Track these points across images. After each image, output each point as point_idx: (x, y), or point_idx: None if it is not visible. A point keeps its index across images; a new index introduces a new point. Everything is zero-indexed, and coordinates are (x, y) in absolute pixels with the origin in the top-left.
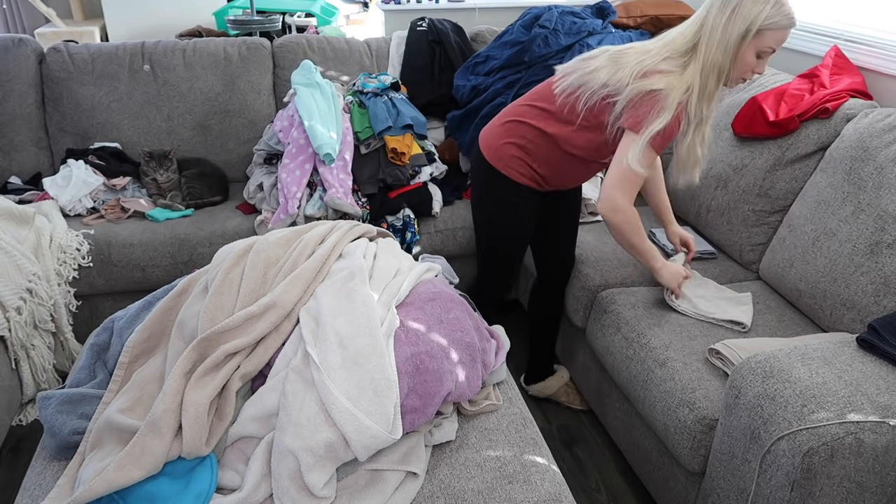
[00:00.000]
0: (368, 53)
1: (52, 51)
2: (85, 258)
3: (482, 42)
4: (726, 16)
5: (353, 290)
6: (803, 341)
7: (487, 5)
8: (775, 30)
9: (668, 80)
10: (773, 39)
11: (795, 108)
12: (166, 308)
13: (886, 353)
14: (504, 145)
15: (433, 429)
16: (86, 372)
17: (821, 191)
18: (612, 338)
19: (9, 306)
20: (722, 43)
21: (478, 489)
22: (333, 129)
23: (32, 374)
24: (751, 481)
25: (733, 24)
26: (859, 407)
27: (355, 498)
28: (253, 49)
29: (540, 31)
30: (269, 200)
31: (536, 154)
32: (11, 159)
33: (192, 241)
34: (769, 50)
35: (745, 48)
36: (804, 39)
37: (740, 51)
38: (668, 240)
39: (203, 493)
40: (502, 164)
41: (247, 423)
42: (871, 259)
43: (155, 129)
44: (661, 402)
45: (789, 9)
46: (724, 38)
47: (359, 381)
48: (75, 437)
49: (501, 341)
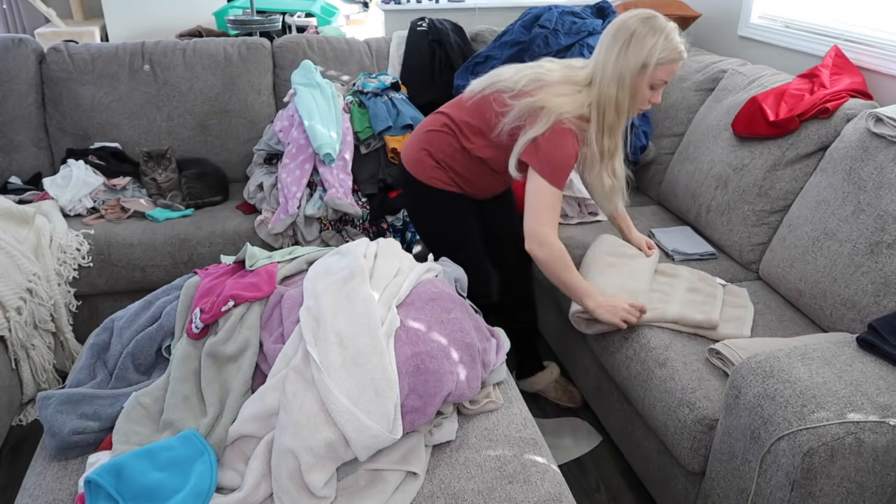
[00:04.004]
0: (368, 53)
1: (52, 51)
2: (85, 258)
3: (482, 42)
4: (616, 52)
5: (353, 290)
6: (803, 341)
7: (487, 5)
8: (666, 63)
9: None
10: (664, 72)
11: (795, 108)
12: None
13: (886, 353)
14: (422, 154)
15: (433, 429)
16: (86, 372)
17: (821, 191)
18: (612, 337)
19: (9, 306)
20: (615, 78)
21: (478, 489)
22: (333, 128)
23: (32, 374)
24: (751, 481)
25: (626, 60)
26: (859, 407)
27: (355, 498)
28: (253, 49)
29: (540, 31)
30: (269, 200)
31: (454, 167)
32: (11, 159)
33: (192, 241)
34: (661, 82)
35: (639, 82)
36: (804, 39)
37: (635, 85)
38: (664, 244)
39: (203, 492)
40: (426, 175)
41: (247, 423)
42: (871, 259)
43: (155, 129)
44: (661, 402)
45: (677, 43)
46: (617, 73)
47: (359, 380)
48: (75, 437)
49: (501, 341)
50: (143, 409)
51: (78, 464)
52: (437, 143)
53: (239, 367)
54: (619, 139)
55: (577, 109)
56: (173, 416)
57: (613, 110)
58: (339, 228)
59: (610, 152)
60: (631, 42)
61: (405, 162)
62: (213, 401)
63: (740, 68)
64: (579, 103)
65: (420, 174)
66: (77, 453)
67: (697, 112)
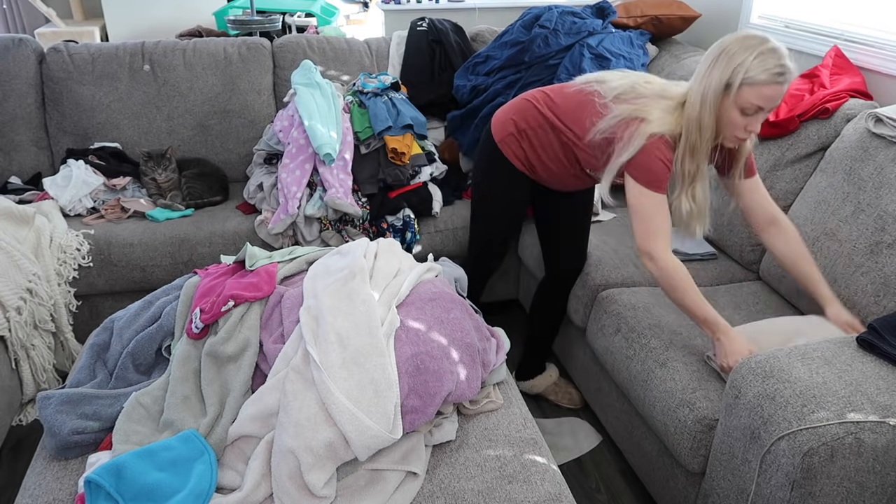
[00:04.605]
0: (368, 53)
1: (52, 51)
2: (85, 258)
3: (482, 42)
4: (705, 68)
5: (353, 290)
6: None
7: (487, 5)
8: (755, 85)
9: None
10: (754, 95)
11: (795, 109)
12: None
13: (886, 353)
14: (508, 120)
15: (433, 429)
16: (86, 372)
17: (821, 191)
18: (612, 338)
19: (9, 306)
20: (699, 95)
21: (478, 489)
22: (333, 128)
23: (32, 374)
24: (751, 481)
25: (710, 77)
26: (859, 407)
27: (355, 498)
28: (253, 49)
29: (540, 31)
30: (269, 200)
31: (532, 141)
32: (11, 159)
33: (192, 241)
34: (753, 107)
35: (725, 103)
36: (804, 39)
37: (720, 106)
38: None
39: (203, 492)
40: (499, 136)
41: (247, 423)
42: (871, 259)
43: (155, 129)
44: (661, 402)
45: (773, 65)
46: (701, 90)
47: (359, 380)
48: (75, 437)
49: (501, 341)
50: (143, 409)
51: (78, 464)
52: (526, 113)
53: (239, 367)
54: (703, 162)
55: (670, 126)
56: (173, 416)
57: (696, 130)
58: (339, 228)
59: (691, 175)
60: (720, 58)
61: (493, 121)
62: (213, 401)
63: None
64: (673, 121)
65: (497, 133)
66: (77, 453)
67: None
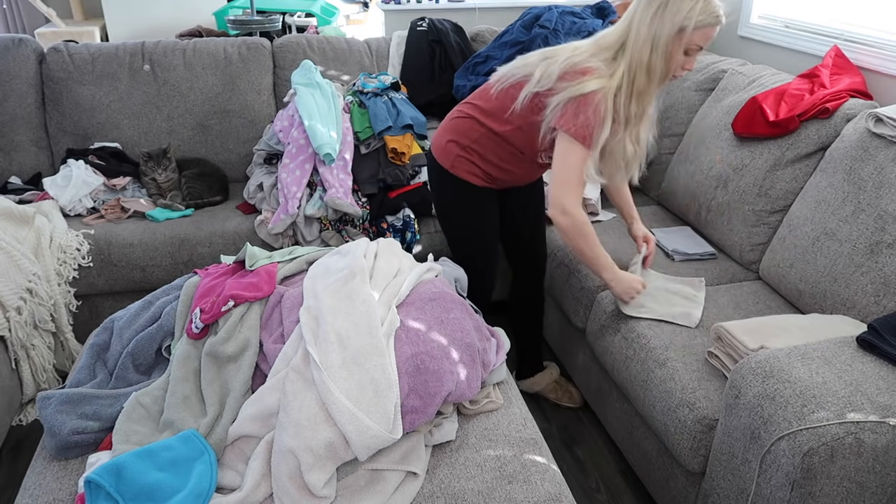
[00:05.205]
0: (368, 53)
1: (52, 51)
2: (85, 258)
3: (482, 42)
4: (651, 14)
5: (353, 290)
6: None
7: (487, 5)
8: (703, 27)
9: (601, 81)
10: (701, 37)
11: (795, 108)
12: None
13: (886, 353)
14: (448, 144)
15: (433, 429)
16: (86, 372)
17: (821, 191)
18: (612, 338)
19: (9, 306)
20: (649, 41)
21: (478, 489)
22: (333, 128)
23: (32, 374)
24: (751, 481)
25: (661, 22)
26: (859, 407)
27: (355, 498)
28: (253, 49)
29: (540, 31)
30: (269, 200)
31: (481, 153)
32: (11, 159)
33: (192, 241)
34: (696, 48)
35: (675, 46)
36: (804, 39)
37: (670, 49)
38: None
39: (203, 492)
40: (449, 163)
41: (247, 423)
42: (871, 259)
43: (155, 129)
44: (661, 402)
45: (716, 7)
46: (651, 35)
47: (359, 380)
48: (75, 437)
49: (501, 341)
50: (143, 409)
51: (78, 464)
52: (462, 130)
53: (239, 367)
54: (648, 106)
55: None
56: (173, 416)
57: (644, 75)
58: (339, 228)
59: (637, 117)
60: (668, 5)
61: (433, 150)
62: (213, 401)
63: (740, 68)
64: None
65: (445, 161)
66: (77, 453)
67: (697, 112)
